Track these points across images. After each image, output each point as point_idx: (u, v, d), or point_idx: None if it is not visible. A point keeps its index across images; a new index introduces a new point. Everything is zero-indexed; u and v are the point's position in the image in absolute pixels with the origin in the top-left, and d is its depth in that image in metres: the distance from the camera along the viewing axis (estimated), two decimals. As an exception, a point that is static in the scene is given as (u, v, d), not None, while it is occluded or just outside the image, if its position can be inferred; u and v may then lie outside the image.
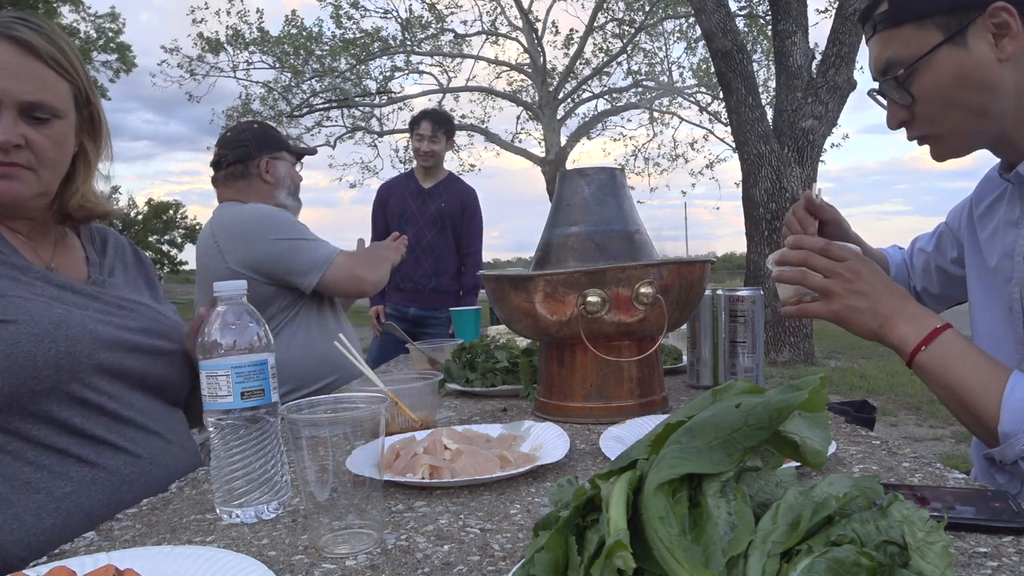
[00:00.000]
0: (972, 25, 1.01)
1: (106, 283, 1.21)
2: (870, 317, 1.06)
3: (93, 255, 1.25)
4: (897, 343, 1.06)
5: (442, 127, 3.65)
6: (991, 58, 1.02)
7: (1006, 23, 1.00)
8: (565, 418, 1.28)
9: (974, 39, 1.02)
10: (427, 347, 1.85)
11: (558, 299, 1.20)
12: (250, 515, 0.85)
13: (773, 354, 7.44)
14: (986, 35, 1.02)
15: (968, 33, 1.02)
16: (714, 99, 16.72)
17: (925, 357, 1.03)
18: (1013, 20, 1.00)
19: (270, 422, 0.87)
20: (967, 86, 1.04)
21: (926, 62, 1.05)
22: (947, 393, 1.04)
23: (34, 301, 1.03)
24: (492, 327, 2.20)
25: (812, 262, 1.10)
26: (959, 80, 1.04)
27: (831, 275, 1.08)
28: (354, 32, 16.58)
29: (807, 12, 7.72)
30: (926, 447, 4.30)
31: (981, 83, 1.03)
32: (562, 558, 0.50)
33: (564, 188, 1.36)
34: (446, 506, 0.88)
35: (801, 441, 0.51)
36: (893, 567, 0.44)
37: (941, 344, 1.02)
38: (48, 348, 1.00)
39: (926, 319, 1.05)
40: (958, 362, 1.01)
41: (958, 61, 1.03)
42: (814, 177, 7.58)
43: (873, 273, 1.08)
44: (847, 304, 1.07)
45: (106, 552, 0.73)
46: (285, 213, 2.06)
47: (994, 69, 1.02)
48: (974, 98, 1.04)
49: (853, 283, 1.07)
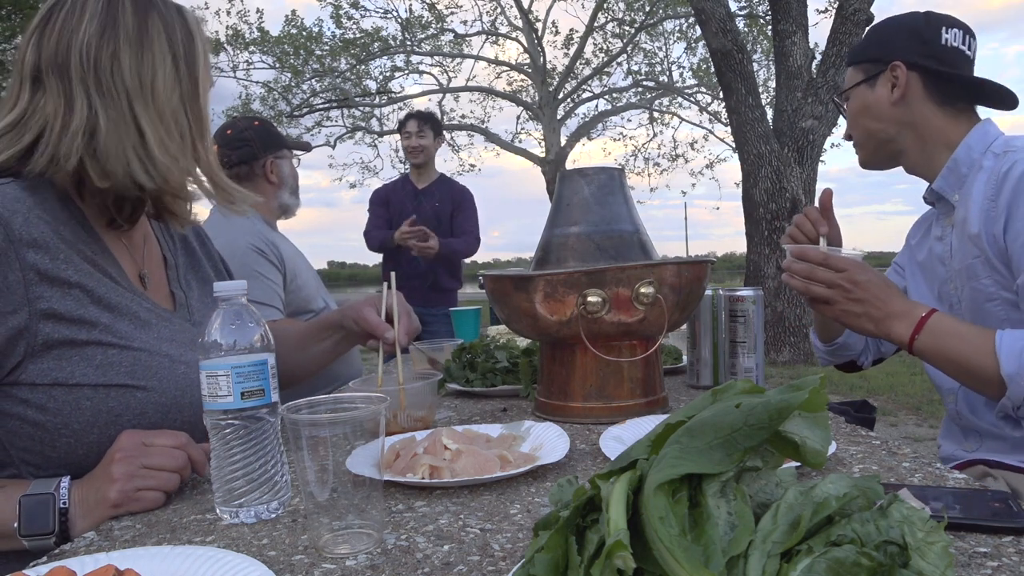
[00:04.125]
0: (881, 74, 1.43)
1: (191, 307, 1.19)
2: (866, 320, 1.25)
3: (170, 255, 1.23)
4: (895, 339, 1.24)
5: (428, 123, 3.79)
6: (886, 99, 1.43)
7: (899, 76, 1.40)
8: (565, 418, 1.28)
9: (880, 84, 1.43)
10: (427, 347, 1.85)
11: (558, 299, 1.20)
12: (250, 515, 0.85)
13: (773, 354, 7.44)
14: (888, 83, 1.42)
15: (878, 79, 1.43)
16: (714, 99, 16.73)
17: (921, 343, 1.22)
18: (903, 75, 1.40)
19: (270, 422, 0.87)
20: (867, 115, 1.46)
21: (851, 92, 1.49)
22: (949, 365, 1.22)
23: (158, 359, 1.02)
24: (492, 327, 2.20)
25: (815, 275, 1.26)
26: (866, 108, 1.46)
27: (832, 286, 1.25)
28: (354, 32, 16.59)
29: (807, 12, 7.72)
30: (926, 447, 4.30)
31: (876, 115, 1.45)
32: (562, 558, 0.50)
33: (564, 188, 1.36)
34: (446, 506, 0.88)
35: (801, 441, 0.51)
36: (893, 567, 0.44)
37: (931, 328, 1.21)
38: (174, 418, 1.01)
39: (914, 311, 1.23)
40: (949, 337, 1.20)
41: (866, 96, 1.46)
42: (814, 177, 7.58)
43: (869, 281, 1.24)
44: (845, 310, 1.25)
45: (106, 552, 0.73)
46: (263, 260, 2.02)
47: (886, 107, 1.43)
48: (870, 124, 1.46)
49: (851, 292, 1.24)
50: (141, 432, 0.94)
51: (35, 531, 0.87)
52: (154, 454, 0.91)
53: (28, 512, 0.87)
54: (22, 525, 0.87)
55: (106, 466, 0.91)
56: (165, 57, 1.05)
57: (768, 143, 7.43)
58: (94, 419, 0.96)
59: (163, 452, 0.92)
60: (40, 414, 0.95)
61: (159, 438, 0.93)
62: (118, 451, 0.91)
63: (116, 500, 0.88)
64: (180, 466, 0.92)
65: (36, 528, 0.87)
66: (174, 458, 0.92)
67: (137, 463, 0.90)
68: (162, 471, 0.91)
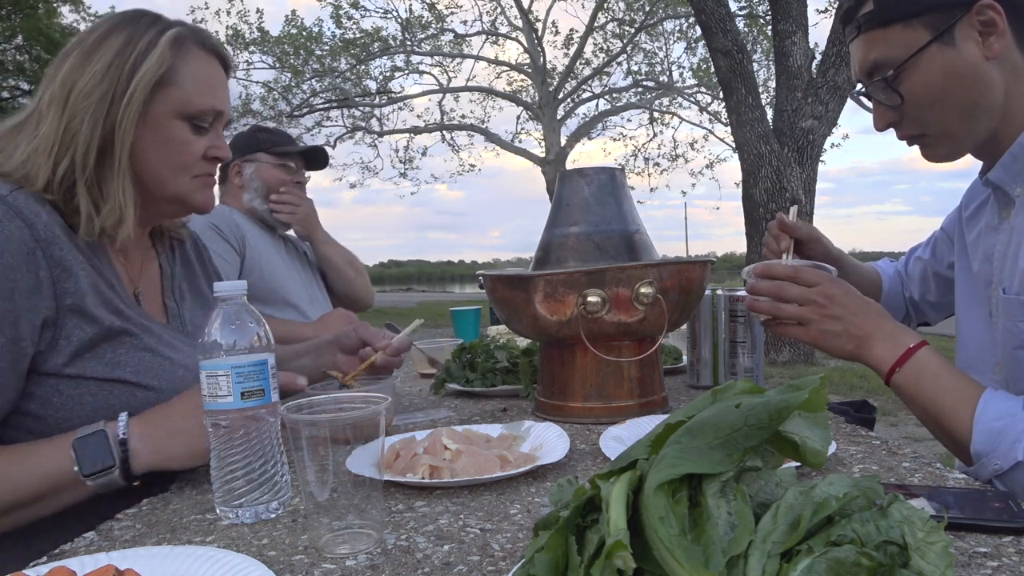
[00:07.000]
0: (959, 23, 1.01)
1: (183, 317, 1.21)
2: (846, 340, 1.07)
3: (166, 264, 1.24)
4: (874, 364, 1.06)
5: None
6: (978, 56, 1.02)
7: (992, 21, 1.00)
8: (565, 418, 1.28)
9: (961, 37, 1.02)
10: (427, 347, 1.85)
11: (558, 299, 1.20)
12: (250, 515, 0.85)
13: (773, 354, 7.44)
14: (973, 33, 1.02)
15: (955, 31, 1.02)
16: (714, 99, 16.72)
17: (900, 378, 1.04)
18: (999, 18, 1.00)
19: (270, 422, 0.87)
20: (956, 85, 1.03)
21: (914, 62, 1.04)
22: (922, 413, 1.05)
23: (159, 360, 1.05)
24: (492, 327, 2.19)
25: (783, 293, 1.10)
26: (948, 79, 1.03)
27: (804, 302, 1.08)
28: (354, 32, 16.59)
29: (807, 12, 7.72)
30: (926, 447, 4.30)
31: (970, 81, 1.03)
32: (562, 558, 0.50)
33: (564, 188, 1.36)
34: (446, 506, 0.88)
35: (801, 441, 0.51)
36: (893, 567, 0.44)
37: (915, 364, 1.03)
38: None
39: (901, 337, 1.05)
40: (931, 382, 1.02)
41: (946, 60, 1.03)
42: (814, 177, 7.58)
43: (846, 294, 1.08)
44: (822, 329, 1.08)
45: (106, 552, 0.73)
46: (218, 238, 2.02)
47: (982, 67, 1.02)
48: (963, 96, 1.04)
49: (827, 308, 1.07)
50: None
51: (97, 468, 0.88)
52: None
53: (84, 451, 0.89)
54: (83, 465, 0.88)
55: (192, 416, 0.92)
56: (101, 63, 1.03)
57: (768, 143, 7.43)
58: (94, 415, 0.97)
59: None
60: (42, 407, 0.97)
61: None
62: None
63: (206, 454, 0.88)
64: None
65: (98, 464, 0.88)
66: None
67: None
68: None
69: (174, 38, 1.07)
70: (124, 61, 1.03)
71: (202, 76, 1.10)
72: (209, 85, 1.11)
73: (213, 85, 1.12)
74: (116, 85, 1.02)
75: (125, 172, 1.04)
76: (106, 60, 1.03)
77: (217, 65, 1.14)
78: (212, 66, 1.13)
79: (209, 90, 1.11)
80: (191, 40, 1.10)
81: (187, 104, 1.08)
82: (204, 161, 1.12)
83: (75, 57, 1.04)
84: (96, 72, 1.02)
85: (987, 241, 1.16)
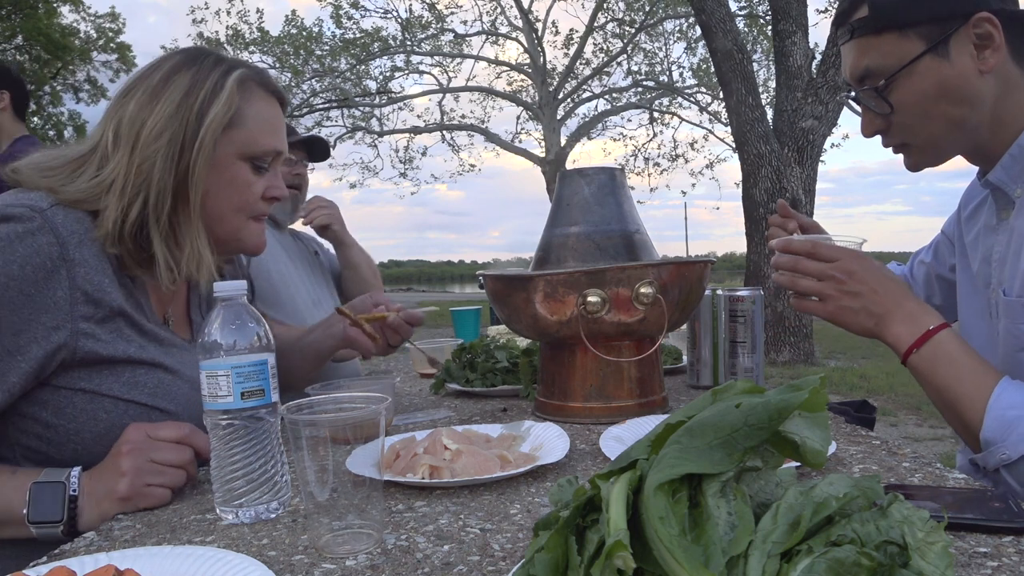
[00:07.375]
0: (955, 35, 1.00)
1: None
2: (865, 317, 1.05)
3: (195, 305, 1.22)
4: (892, 342, 1.05)
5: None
6: (972, 70, 1.01)
7: (989, 34, 0.99)
8: (565, 418, 1.28)
9: (956, 50, 1.01)
10: (427, 347, 1.85)
11: (558, 299, 1.20)
12: (250, 515, 0.85)
13: (773, 354, 7.44)
14: (968, 46, 1.00)
15: (951, 43, 1.00)
16: (714, 99, 16.73)
17: (917, 359, 1.03)
18: (996, 32, 0.99)
19: (270, 422, 0.87)
20: (947, 98, 1.03)
21: (907, 73, 1.03)
22: (936, 396, 1.04)
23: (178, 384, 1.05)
24: (492, 327, 2.19)
25: (801, 267, 1.09)
26: (940, 92, 1.03)
27: (823, 277, 1.07)
28: (354, 32, 16.62)
29: (807, 12, 7.73)
30: (926, 447, 4.30)
31: (961, 96, 1.02)
32: (562, 558, 0.50)
33: (564, 188, 1.36)
34: (446, 506, 0.88)
35: (801, 441, 0.51)
36: (893, 567, 0.44)
37: (933, 346, 1.02)
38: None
39: (923, 318, 1.03)
40: (948, 366, 1.01)
41: (940, 73, 1.02)
42: (814, 177, 7.59)
43: (867, 270, 1.06)
44: (841, 305, 1.06)
45: (106, 552, 0.73)
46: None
47: (974, 82, 1.01)
48: (953, 110, 1.04)
49: (846, 283, 1.06)
50: (147, 425, 0.95)
51: (44, 518, 0.88)
52: (162, 449, 0.92)
53: (38, 498, 0.88)
54: (31, 511, 0.88)
55: (115, 458, 0.91)
56: (169, 104, 1.03)
57: (768, 143, 7.43)
58: (107, 432, 0.96)
59: (170, 447, 0.93)
60: (55, 417, 0.97)
61: (164, 430, 0.94)
62: (125, 444, 0.91)
63: (126, 494, 0.88)
64: (187, 461, 0.93)
65: (45, 515, 0.88)
66: (181, 453, 0.93)
67: (145, 457, 0.90)
68: (170, 467, 0.92)
69: (240, 80, 1.08)
70: (192, 102, 1.04)
71: (265, 117, 1.12)
72: (272, 126, 1.13)
73: (275, 126, 1.14)
74: (186, 127, 1.03)
75: (198, 217, 1.06)
76: (174, 100, 1.03)
77: (277, 106, 1.16)
78: (274, 108, 1.15)
79: (271, 131, 1.12)
80: (254, 82, 1.11)
81: (251, 145, 1.09)
82: (263, 201, 1.13)
83: (141, 96, 1.04)
84: (166, 114, 1.03)
85: (985, 242, 1.17)
